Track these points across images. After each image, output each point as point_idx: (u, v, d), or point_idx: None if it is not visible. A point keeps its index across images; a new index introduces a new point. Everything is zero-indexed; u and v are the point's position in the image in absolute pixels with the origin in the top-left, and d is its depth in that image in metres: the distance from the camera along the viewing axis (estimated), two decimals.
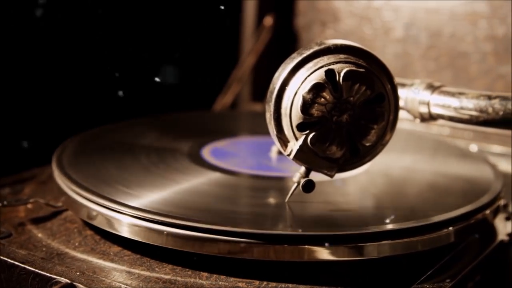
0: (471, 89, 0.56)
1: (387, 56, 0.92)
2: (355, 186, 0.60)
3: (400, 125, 0.53)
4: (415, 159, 0.69)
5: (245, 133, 0.79)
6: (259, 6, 0.99)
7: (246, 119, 0.89)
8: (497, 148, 0.82)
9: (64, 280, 0.47)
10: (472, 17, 0.86)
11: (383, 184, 0.62)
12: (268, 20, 0.98)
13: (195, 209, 0.52)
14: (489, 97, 0.52)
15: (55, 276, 0.48)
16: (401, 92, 0.57)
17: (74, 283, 0.47)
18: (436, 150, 0.73)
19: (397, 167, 0.65)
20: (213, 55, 1.02)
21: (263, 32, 0.98)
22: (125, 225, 0.51)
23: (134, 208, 0.51)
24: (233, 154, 0.68)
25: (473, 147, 0.82)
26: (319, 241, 0.48)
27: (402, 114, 0.57)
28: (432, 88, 0.56)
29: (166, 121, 0.80)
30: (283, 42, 0.99)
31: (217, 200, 0.55)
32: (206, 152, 0.67)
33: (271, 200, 0.56)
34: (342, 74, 0.49)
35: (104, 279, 0.47)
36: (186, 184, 0.58)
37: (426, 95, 0.56)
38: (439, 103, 0.55)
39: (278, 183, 0.59)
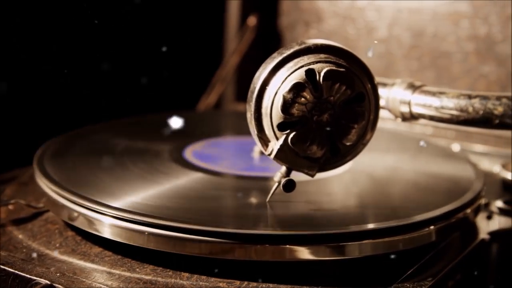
0: (453, 88, 0.56)
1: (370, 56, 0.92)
2: (338, 186, 0.60)
3: (383, 124, 0.53)
4: (397, 158, 0.69)
5: (229, 133, 0.79)
6: (243, 6, 0.99)
7: (229, 119, 0.89)
8: (479, 147, 0.83)
9: (44, 281, 0.47)
10: (454, 17, 0.86)
11: (366, 183, 0.62)
12: (252, 20, 0.98)
13: (176, 210, 0.52)
14: (469, 97, 0.52)
15: (35, 278, 0.47)
16: (382, 91, 0.57)
17: (54, 284, 0.47)
18: (418, 150, 0.73)
19: (379, 167, 0.66)
20: (197, 55, 1.02)
21: (247, 32, 0.98)
22: (106, 226, 0.51)
23: (115, 208, 0.51)
24: (216, 155, 0.68)
25: (456, 146, 0.82)
26: (300, 241, 0.48)
27: (385, 113, 0.58)
28: (413, 87, 0.56)
29: (149, 121, 0.80)
30: (267, 42, 0.99)
31: (198, 201, 0.55)
32: (189, 153, 0.67)
33: (253, 200, 0.56)
34: (322, 74, 0.49)
35: (84, 280, 0.47)
36: (168, 185, 0.58)
37: (407, 95, 0.56)
38: (420, 102, 0.55)
39: (260, 183, 0.59)
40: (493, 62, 0.85)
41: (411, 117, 0.57)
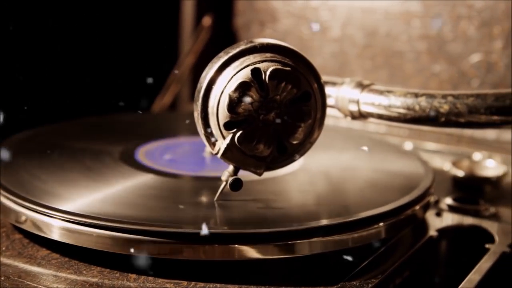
0: (406, 87, 0.56)
1: (324, 55, 0.93)
2: (289, 184, 0.60)
3: (336, 123, 0.53)
4: (349, 156, 0.70)
5: (183, 134, 0.79)
6: (197, 6, 0.98)
7: (184, 120, 0.88)
8: (431, 145, 0.84)
9: None
10: (406, 17, 0.87)
11: (317, 182, 0.62)
12: (207, 20, 0.98)
13: (125, 211, 0.52)
14: (416, 95, 0.53)
15: None
16: (331, 90, 0.57)
17: None
18: (371, 148, 0.73)
19: (331, 165, 0.66)
20: (152, 55, 1.01)
21: (202, 32, 0.97)
22: (54, 228, 0.50)
23: (63, 211, 0.50)
24: (168, 156, 0.67)
25: (408, 145, 0.83)
26: (249, 240, 0.48)
27: (335, 112, 0.58)
28: (361, 86, 0.56)
29: (102, 122, 0.79)
30: (222, 42, 0.99)
31: (148, 202, 0.55)
32: (141, 154, 0.66)
33: (201, 200, 0.56)
34: (268, 73, 0.49)
35: (29, 283, 0.47)
36: (118, 186, 0.57)
37: (355, 94, 0.56)
38: (368, 101, 0.56)
39: (211, 183, 0.59)
40: (445, 61, 0.86)
41: (360, 116, 0.57)
